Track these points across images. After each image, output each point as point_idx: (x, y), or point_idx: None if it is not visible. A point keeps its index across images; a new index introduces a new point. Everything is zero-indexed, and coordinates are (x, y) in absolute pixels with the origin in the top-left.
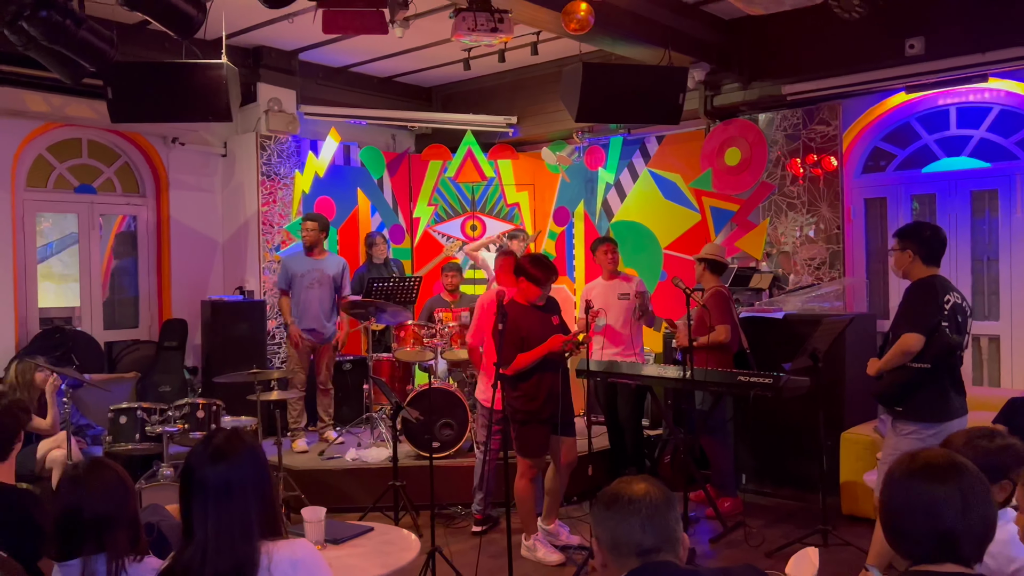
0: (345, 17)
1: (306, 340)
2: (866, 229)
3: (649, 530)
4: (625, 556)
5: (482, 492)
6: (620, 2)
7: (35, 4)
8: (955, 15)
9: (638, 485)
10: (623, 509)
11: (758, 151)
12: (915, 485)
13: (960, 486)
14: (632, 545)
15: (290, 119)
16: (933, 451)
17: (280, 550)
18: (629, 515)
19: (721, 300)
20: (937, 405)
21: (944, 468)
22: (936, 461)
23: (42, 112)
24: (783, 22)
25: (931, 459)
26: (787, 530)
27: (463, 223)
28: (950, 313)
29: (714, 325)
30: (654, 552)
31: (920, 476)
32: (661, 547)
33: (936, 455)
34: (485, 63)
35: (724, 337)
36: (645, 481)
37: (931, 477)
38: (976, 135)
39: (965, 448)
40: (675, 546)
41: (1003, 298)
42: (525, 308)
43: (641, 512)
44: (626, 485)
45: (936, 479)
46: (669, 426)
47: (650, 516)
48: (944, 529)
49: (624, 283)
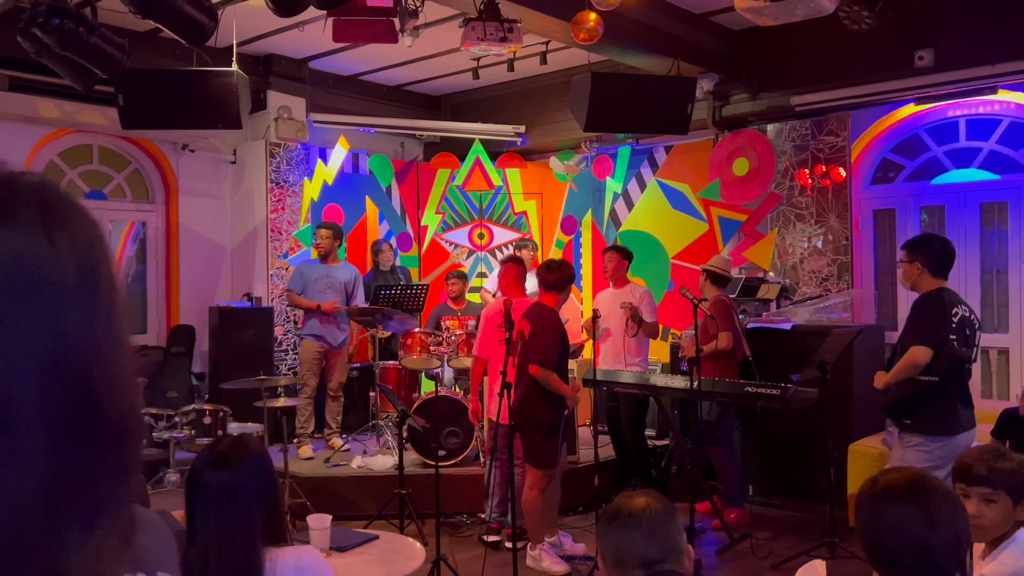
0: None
1: (317, 347)
2: (874, 240)
3: (652, 542)
4: (630, 569)
5: (498, 496)
6: (629, 12)
7: (48, 11)
8: (965, 27)
9: (639, 499)
10: (625, 523)
11: (766, 161)
12: (879, 508)
13: (923, 504)
14: (636, 558)
15: (299, 127)
16: (892, 474)
17: (285, 556)
18: (631, 529)
19: (723, 308)
20: (945, 418)
21: (904, 489)
22: (896, 483)
23: (54, 118)
24: (792, 33)
25: (890, 482)
26: (794, 542)
27: (471, 231)
28: (958, 326)
29: (717, 333)
30: (658, 563)
31: (882, 498)
32: (665, 558)
33: (895, 477)
34: (494, 72)
35: (727, 344)
36: (646, 495)
37: (892, 498)
38: (985, 147)
39: (992, 473)
40: (679, 557)
41: (1012, 310)
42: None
43: (643, 525)
44: (627, 500)
45: (898, 499)
46: (676, 436)
47: (652, 529)
48: (914, 544)
49: (629, 292)
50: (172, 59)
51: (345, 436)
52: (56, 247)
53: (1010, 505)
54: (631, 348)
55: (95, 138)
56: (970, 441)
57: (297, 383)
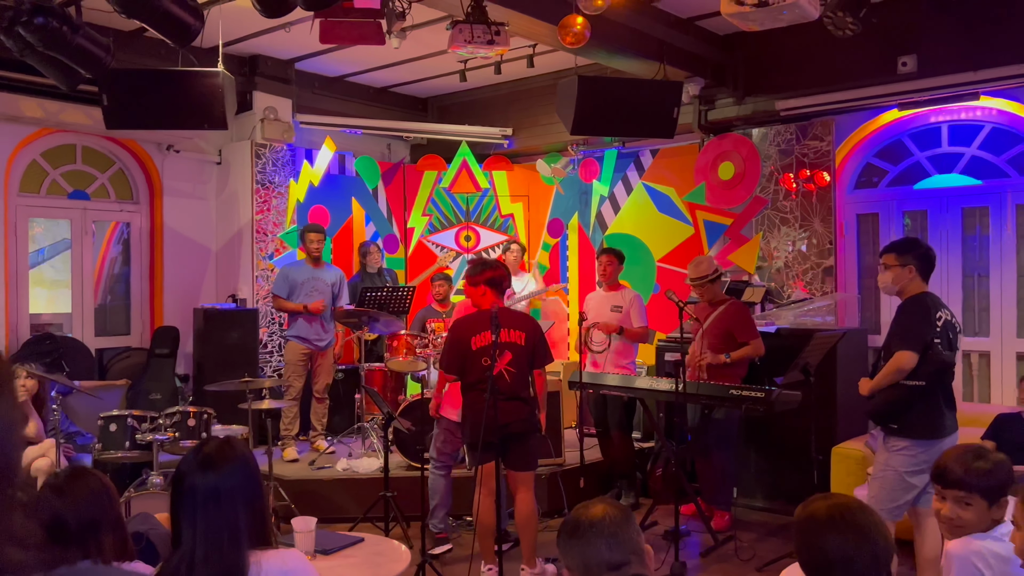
0: (342, 27)
1: (303, 348)
2: (858, 244)
3: (615, 547)
4: (598, 575)
5: (444, 510)
6: (616, 16)
7: (32, 10)
8: (947, 34)
9: (596, 508)
10: (587, 533)
11: (752, 166)
12: (812, 535)
13: (844, 531)
14: (602, 565)
15: (285, 128)
16: (818, 505)
17: (270, 560)
18: (593, 537)
19: (748, 313)
20: (931, 422)
21: (827, 521)
22: (819, 513)
23: (37, 118)
24: (777, 38)
25: (815, 512)
26: (778, 544)
27: (457, 234)
28: (942, 330)
29: (748, 340)
30: (624, 566)
31: (812, 526)
32: (629, 560)
33: (820, 507)
34: (481, 75)
35: (763, 350)
36: (601, 502)
37: (821, 527)
38: (968, 152)
39: (967, 475)
40: (641, 557)
41: (993, 314)
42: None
43: (605, 531)
44: (584, 511)
45: (830, 531)
46: (661, 439)
47: (613, 534)
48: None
49: (620, 297)
50: (157, 59)
51: (330, 438)
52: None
53: (985, 506)
54: (624, 350)
55: (78, 138)
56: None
57: (282, 385)
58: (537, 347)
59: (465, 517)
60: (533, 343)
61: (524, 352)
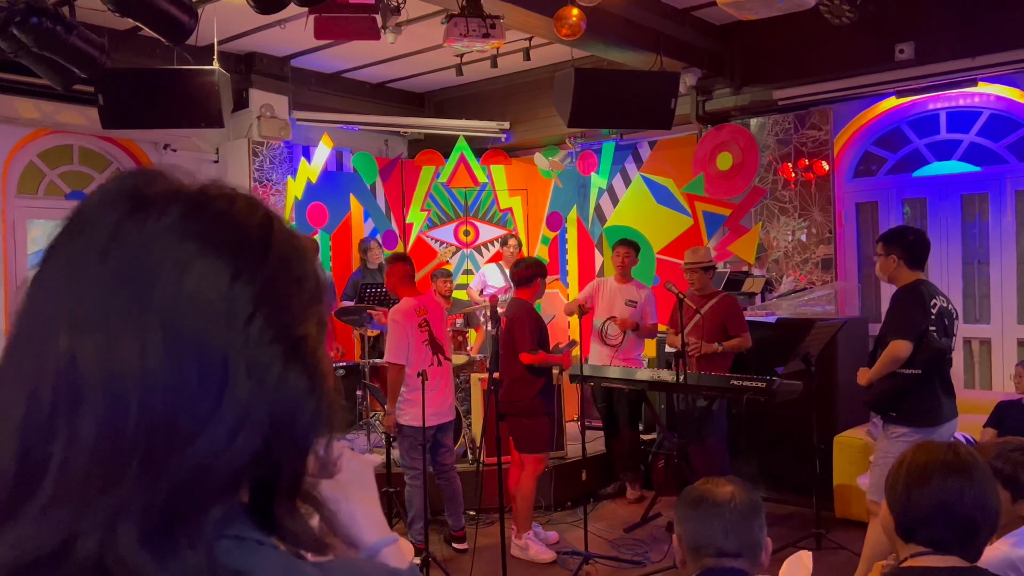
0: (337, 23)
1: None
2: (858, 233)
3: (732, 536)
4: (704, 558)
5: (422, 521)
6: (612, 7)
7: (26, 11)
8: (945, 20)
9: (724, 488)
10: (707, 512)
11: (750, 156)
12: (933, 480)
13: (975, 480)
14: (713, 549)
15: (282, 125)
16: (939, 448)
17: None
18: (712, 519)
19: (739, 307)
20: (929, 410)
21: (958, 465)
22: (947, 458)
23: (33, 119)
24: (774, 28)
25: (940, 456)
26: (780, 533)
27: (456, 228)
28: (937, 317)
29: (739, 334)
30: (734, 557)
31: (938, 472)
32: (742, 553)
33: (944, 452)
34: (477, 69)
35: (750, 344)
36: (732, 483)
37: (946, 472)
38: (966, 139)
39: (997, 460)
40: (756, 552)
41: (993, 301)
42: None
43: (725, 517)
44: (713, 487)
45: (951, 473)
46: (663, 431)
47: (734, 523)
48: (963, 519)
49: (635, 291)
50: (152, 58)
51: None
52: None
53: (1008, 498)
54: (634, 344)
55: (75, 138)
56: (953, 431)
57: None
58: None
59: (468, 512)
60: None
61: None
